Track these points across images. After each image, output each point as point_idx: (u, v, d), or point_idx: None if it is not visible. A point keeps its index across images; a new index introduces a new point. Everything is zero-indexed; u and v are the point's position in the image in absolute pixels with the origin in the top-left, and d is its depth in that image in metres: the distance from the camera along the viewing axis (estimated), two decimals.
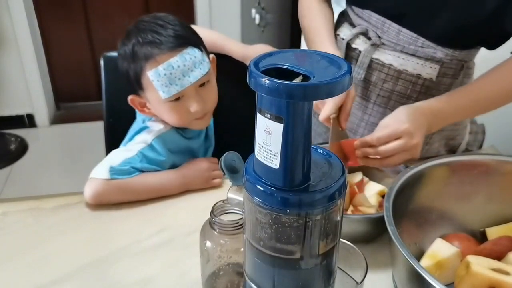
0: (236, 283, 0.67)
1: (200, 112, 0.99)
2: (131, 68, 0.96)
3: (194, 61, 0.94)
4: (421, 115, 0.85)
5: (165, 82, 0.92)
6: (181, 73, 0.93)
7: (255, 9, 2.70)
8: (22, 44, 2.87)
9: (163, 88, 0.93)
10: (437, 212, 0.79)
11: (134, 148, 0.98)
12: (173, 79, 0.92)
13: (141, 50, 0.93)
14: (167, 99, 0.95)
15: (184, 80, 0.93)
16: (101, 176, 0.91)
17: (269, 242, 0.47)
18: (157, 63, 0.92)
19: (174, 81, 0.93)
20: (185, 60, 0.93)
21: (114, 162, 0.94)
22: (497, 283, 0.61)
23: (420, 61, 0.95)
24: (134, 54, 0.94)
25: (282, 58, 0.44)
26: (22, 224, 0.88)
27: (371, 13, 0.96)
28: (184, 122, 1.01)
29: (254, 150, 0.45)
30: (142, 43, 0.94)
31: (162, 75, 0.92)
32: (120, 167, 0.93)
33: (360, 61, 0.99)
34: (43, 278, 0.76)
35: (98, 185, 0.91)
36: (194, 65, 0.94)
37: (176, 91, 0.93)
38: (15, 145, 2.93)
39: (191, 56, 0.94)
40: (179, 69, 0.92)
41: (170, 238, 0.85)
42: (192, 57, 0.94)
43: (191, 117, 1.00)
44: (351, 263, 0.61)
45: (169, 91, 0.93)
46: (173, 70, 0.92)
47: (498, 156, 0.81)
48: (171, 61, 0.92)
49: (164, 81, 0.92)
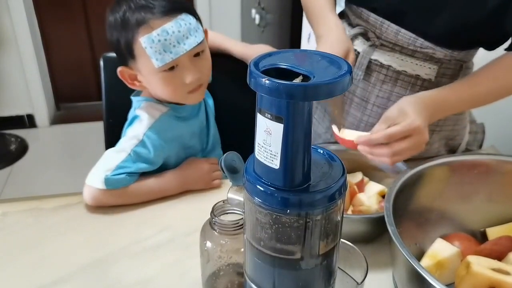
0: (237, 284, 0.67)
1: (195, 83, 0.94)
2: (122, 35, 0.91)
3: (189, 28, 0.90)
4: (425, 108, 0.83)
5: (159, 49, 0.87)
6: (176, 39, 0.88)
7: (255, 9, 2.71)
8: (22, 44, 2.87)
9: (156, 56, 0.88)
10: (437, 212, 0.79)
11: (126, 147, 0.95)
12: (167, 46, 0.88)
13: (133, 16, 0.89)
14: (160, 68, 0.90)
15: (179, 48, 0.88)
16: (97, 185, 0.90)
17: (269, 242, 0.47)
18: (151, 28, 0.87)
19: (168, 48, 0.88)
20: (180, 26, 0.88)
21: (108, 168, 0.91)
22: (498, 283, 0.61)
23: (419, 61, 0.95)
24: (126, 21, 0.90)
25: (282, 58, 0.44)
26: (22, 224, 0.88)
27: (370, 13, 0.96)
28: (178, 95, 0.97)
29: (254, 150, 0.45)
30: (134, 9, 0.89)
31: (156, 41, 0.87)
32: (115, 176, 0.91)
33: (359, 62, 0.99)
34: (44, 278, 0.76)
35: (95, 193, 0.90)
36: (189, 32, 0.90)
37: (170, 58, 0.88)
38: (15, 146, 2.93)
39: (186, 23, 0.89)
40: (173, 35, 0.88)
41: (170, 238, 0.85)
42: (187, 24, 0.90)
43: (185, 89, 0.95)
44: (351, 263, 0.61)
45: (163, 59, 0.88)
46: (168, 36, 0.87)
47: (498, 156, 0.81)
48: (165, 27, 0.87)
49: (158, 48, 0.87)
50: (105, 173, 0.90)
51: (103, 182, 0.90)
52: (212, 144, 1.13)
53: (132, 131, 0.98)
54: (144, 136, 0.96)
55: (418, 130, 0.79)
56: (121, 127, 1.06)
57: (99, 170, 0.91)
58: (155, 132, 0.97)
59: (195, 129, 1.07)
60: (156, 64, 0.89)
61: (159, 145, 0.97)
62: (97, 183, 0.90)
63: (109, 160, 0.93)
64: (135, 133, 0.96)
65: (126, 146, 0.95)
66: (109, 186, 0.90)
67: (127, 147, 0.95)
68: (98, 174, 0.91)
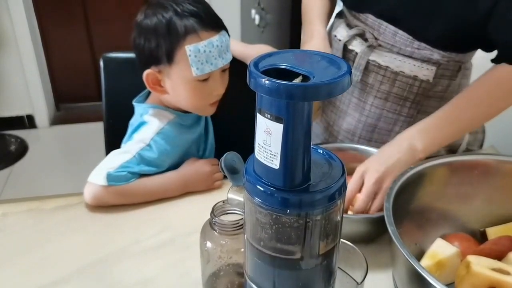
0: (237, 284, 0.67)
1: (219, 96, 1.01)
2: (164, 40, 0.92)
3: (227, 45, 0.96)
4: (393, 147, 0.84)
5: (202, 59, 0.92)
6: (218, 53, 0.93)
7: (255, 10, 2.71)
8: (22, 45, 2.87)
9: (197, 65, 0.92)
10: (437, 212, 0.79)
11: (132, 149, 0.96)
12: (209, 58, 0.92)
13: (181, 22, 0.91)
14: (196, 78, 0.94)
15: (218, 61, 0.94)
16: (98, 182, 0.90)
17: (269, 243, 0.47)
18: (199, 38, 0.91)
19: (210, 60, 0.92)
20: (222, 41, 0.94)
21: (111, 166, 0.92)
22: (498, 283, 0.61)
23: (417, 62, 0.95)
24: (171, 25, 0.91)
25: (282, 58, 0.44)
26: (22, 225, 0.88)
27: (368, 15, 0.96)
28: (200, 105, 1.01)
29: (254, 150, 0.45)
30: (181, 15, 0.92)
31: (201, 52, 0.91)
32: (117, 173, 0.91)
33: (357, 63, 0.99)
34: (44, 279, 0.76)
35: (96, 190, 0.90)
36: (227, 49, 0.96)
37: (209, 70, 0.93)
38: (15, 146, 2.93)
39: (226, 39, 0.96)
40: (217, 48, 0.93)
41: (171, 239, 0.85)
42: (227, 41, 0.96)
43: (209, 101, 1.00)
44: (351, 263, 0.61)
45: (203, 69, 0.93)
46: (212, 48, 0.92)
47: (498, 156, 0.81)
48: (212, 39, 0.92)
49: (202, 58, 0.91)
50: (107, 170, 0.91)
51: (105, 178, 0.90)
52: (209, 150, 1.14)
53: (139, 135, 0.99)
54: (151, 141, 0.97)
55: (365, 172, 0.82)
56: (121, 128, 1.06)
57: (102, 168, 0.92)
58: (163, 137, 0.98)
59: (195, 136, 1.08)
60: (195, 73, 0.92)
61: (165, 150, 0.98)
62: (98, 180, 0.90)
63: (113, 159, 0.94)
64: (142, 137, 0.98)
65: (132, 149, 0.96)
66: (111, 181, 0.90)
67: (132, 150, 0.96)
68: (101, 171, 0.92)
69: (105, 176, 0.90)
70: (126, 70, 1.18)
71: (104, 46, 3.02)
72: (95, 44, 3.15)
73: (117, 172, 0.92)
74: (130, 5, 2.99)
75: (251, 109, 0.45)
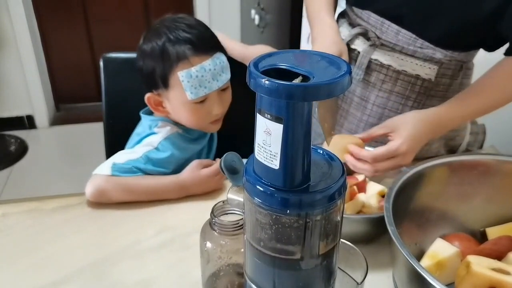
0: (237, 284, 0.67)
1: (219, 115, 1.02)
2: (158, 65, 0.96)
3: (222, 66, 0.98)
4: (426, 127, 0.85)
5: (195, 84, 0.94)
6: (211, 76, 0.95)
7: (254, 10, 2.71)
8: (22, 46, 2.87)
9: (191, 90, 0.94)
10: (437, 212, 0.79)
11: (139, 151, 0.98)
12: (203, 82, 0.94)
13: (173, 49, 0.94)
14: (192, 101, 0.96)
15: (212, 84, 0.96)
16: (103, 172, 0.92)
17: (269, 243, 0.47)
18: (190, 64, 0.94)
19: (203, 84, 0.95)
20: (215, 64, 0.96)
21: (118, 160, 0.95)
22: (498, 283, 0.61)
23: (419, 61, 0.95)
24: (164, 52, 0.94)
25: (282, 58, 0.44)
26: (22, 225, 0.88)
27: (370, 14, 0.96)
28: (201, 124, 1.04)
29: (254, 150, 0.45)
30: (174, 42, 0.94)
31: (193, 77, 0.93)
32: (123, 165, 0.94)
33: (359, 62, 0.99)
34: (44, 280, 0.76)
35: (99, 181, 0.91)
36: (222, 70, 0.97)
37: (204, 93, 0.95)
38: (15, 147, 2.93)
39: (221, 61, 0.97)
40: (210, 72, 0.95)
41: (171, 239, 0.85)
42: (221, 62, 0.97)
43: (209, 120, 1.02)
44: (351, 263, 0.61)
45: (197, 93, 0.95)
46: (205, 73, 0.94)
47: (498, 156, 0.81)
48: (204, 64, 0.94)
49: (194, 82, 0.94)
50: (113, 161, 0.94)
51: (110, 168, 0.92)
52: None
53: (147, 140, 1.02)
54: (159, 144, 1.00)
55: (402, 153, 0.83)
56: (120, 128, 1.07)
57: (108, 161, 0.95)
58: (171, 143, 1.01)
59: (200, 147, 1.11)
60: (190, 97, 0.95)
61: (171, 153, 1.00)
62: (104, 170, 0.92)
63: (120, 155, 0.97)
64: (151, 141, 1.01)
65: (139, 151, 0.98)
66: (115, 171, 0.92)
67: (139, 151, 0.98)
68: (107, 163, 0.94)
69: (111, 166, 0.92)
70: (126, 70, 1.18)
71: (104, 47, 3.02)
72: (95, 45, 3.15)
73: (123, 164, 0.94)
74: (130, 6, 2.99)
75: (250, 109, 0.45)
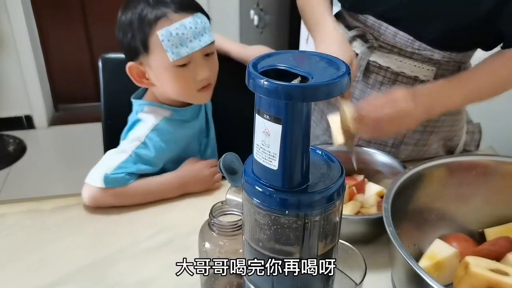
0: (235, 285, 0.67)
1: (205, 81, 0.97)
2: (138, 30, 0.92)
3: (205, 27, 0.93)
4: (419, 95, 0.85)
5: (176, 43, 0.89)
6: (193, 35, 0.91)
7: (253, 10, 2.70)
8: (21, 46, 2.87)
9: (172, 49, 0.90)
10: (435, 213, 0.79)
11: (128, 149, 0.95)
12: (184, 40, 0.90)
13: (152, 12, 0.91)
14: (174, 63, 0.91)
15: (194, 43, 0.91)
16: (96, 184, 0.90)
17: (268, 243, 0.47)
18: (170, 21, 0.89)
19: (185, 43, 0.90)
20: (197, 23, 0.91)
21: (108, 167, 0.92)
22: (496, 284, 0.61)
23: (417, 63, 0.95)
24: (143, 17, 0.91)
25: (281, 59, 0.44)
26: (20, 226, 0.88)
27: (367, 16, 0.96)
28: (187, 93, 0.98)
29: (253, 151, 0.45)
30: (152, 5, 0.91)
31: (174, 35, 0.89)
32: (114, 175, 0.91)
33: (358, 64, 0.99)
34: (42, 280, 0.76)
35: (94, 191, 0.90)
36: (204, 30, 0.93)
37: (186, 53, 0.91)
38: (13, 147, 2.93)
39: (202, 21, 0.93)
40: (191, 30, 0.90)
41: (169, 240, 0.85)
42: (203, 22, 0.93)
43: (196, 87, 0.97)
44: (350, 264, 0.61)
45: (179, 53, 0.90)
46: (185, 30, 0.90)
47: (496, 157, 0.82)
48: (184, 21, 0.90)
49: (175, 41, 0.89)
50: (104, 172, 0.91)
51: (102, 180, 0.90)
52: (211, 146, 1.13)
53: (134, 133, 0.99)
54: (146, 138, 0.97)
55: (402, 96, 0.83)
56: (120, 128, 1.06)
57: (99, 169, 0.92)
58: (158, 134, 0.97)
59: (195, 131, 1.07)
60: (171, 58, 0.90)
61: (160, 147, 0.97)
62: (96, 182, 0.90)
63: (110, 160, 0.94)
64: (137, 135, 0.97)
65: (128, 148, 0.95)
66: (108, 184, 0.90)
67: (128, 149, 0.95)
68: (98, 173, 0.91)
69: (102, 178, 0.90)
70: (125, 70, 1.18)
71: (102, 47, 3.01)
72: (94, 45, 3.15)
73: (114, 174, 0.91)
74: None
75: (249, 110, 0.45)
